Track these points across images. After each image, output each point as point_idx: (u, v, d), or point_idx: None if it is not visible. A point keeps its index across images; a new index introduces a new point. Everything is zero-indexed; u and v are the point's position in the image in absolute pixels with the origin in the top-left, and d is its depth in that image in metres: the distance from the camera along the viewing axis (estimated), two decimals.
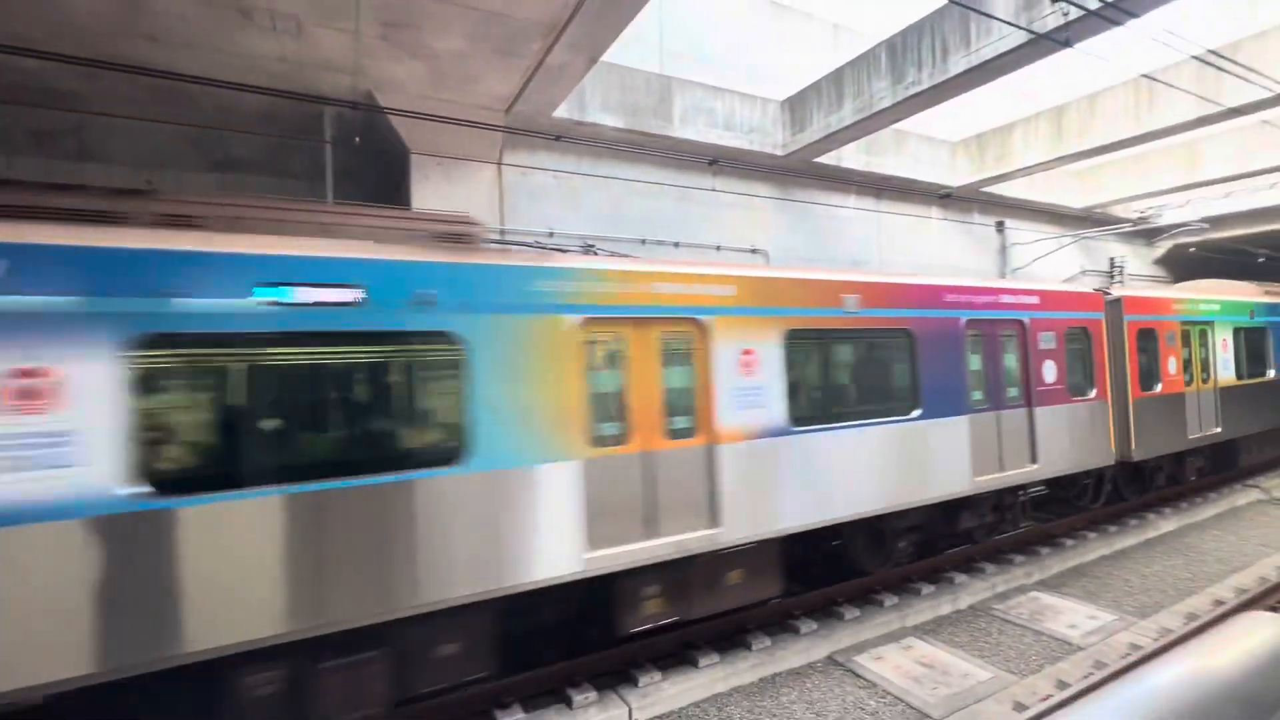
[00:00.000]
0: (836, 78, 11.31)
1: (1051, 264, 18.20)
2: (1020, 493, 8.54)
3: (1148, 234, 20.58)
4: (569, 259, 5.38)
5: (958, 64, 9.13)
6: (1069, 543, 8.96)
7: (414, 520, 4.38)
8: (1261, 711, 1.09)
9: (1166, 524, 9.95)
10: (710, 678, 5.60)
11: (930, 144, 14.96)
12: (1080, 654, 5.93)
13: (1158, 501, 10.84)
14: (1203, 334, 11.18)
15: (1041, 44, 8.01)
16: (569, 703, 5.15)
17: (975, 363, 7.78)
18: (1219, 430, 11.18)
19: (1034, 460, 8.17)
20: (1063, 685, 5.29)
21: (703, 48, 13.73)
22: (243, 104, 8.37)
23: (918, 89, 9.78)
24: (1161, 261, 21.87)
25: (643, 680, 5.45)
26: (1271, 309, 12.96)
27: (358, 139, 9.05)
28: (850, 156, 13.55)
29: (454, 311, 4.62)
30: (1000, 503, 8.38)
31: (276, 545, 3.96)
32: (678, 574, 5.64)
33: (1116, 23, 6.78)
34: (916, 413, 7.02)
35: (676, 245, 12.16)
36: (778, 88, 14.45)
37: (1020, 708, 5.00)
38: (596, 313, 5.21)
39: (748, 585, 6.04)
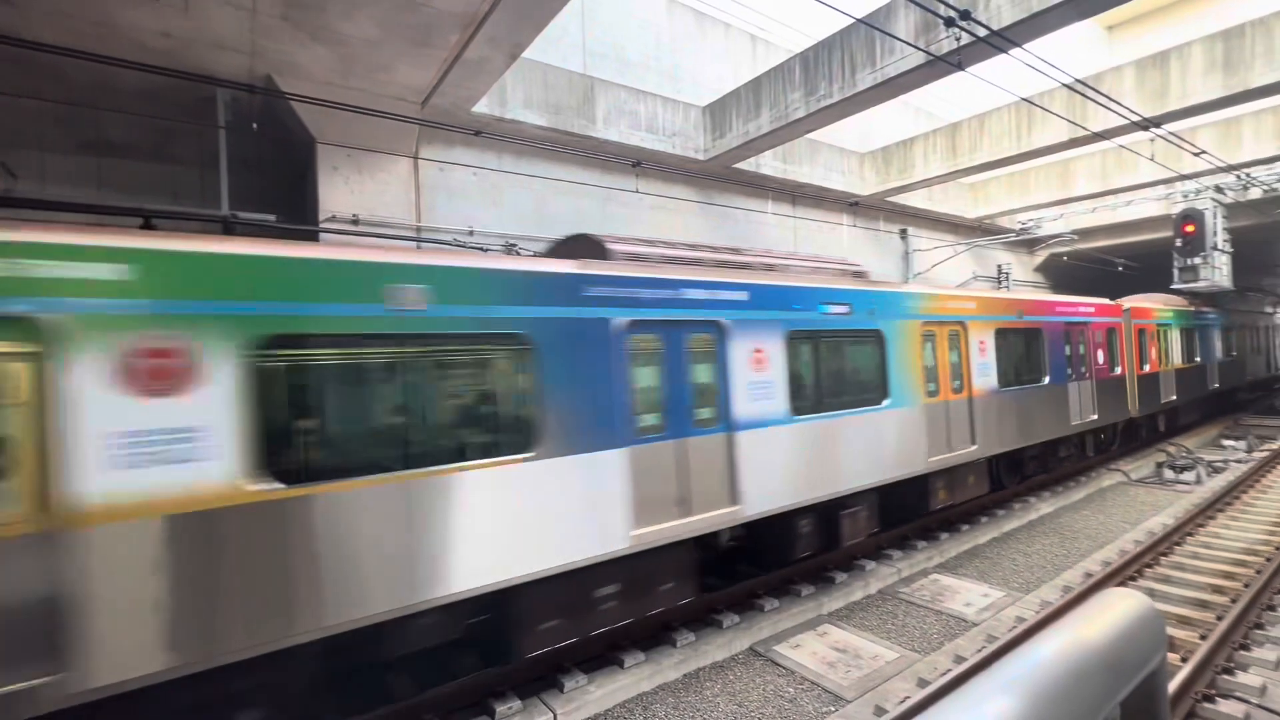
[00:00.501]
0: (755, 87, 11.69)
1: (948, 269, 19.69)
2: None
3: (1029, 243, 22.70)
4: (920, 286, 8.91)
5: (865, 80, 9.68)
6: (964, 527, 9.71)
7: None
8: (1123, 676, 1.21)
9: (1045, 506, 10.99)
10: (636, 677, 5.62)
11: (841, 154, 15.79)
12: (975, 629, 6.43)
13: (1038, 486, 11.95)
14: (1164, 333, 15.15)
15: (938, 65, 8.63)
16: (491, 714, 5.02)
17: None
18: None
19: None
20: (960, 659, 5.72)
21: (625, 51, 13.81)
22: (120, 81, 7.58)
23: (829, 102, 10.28)
24: (1040, 269, 24.16)
25: (568, 685, 5.39)
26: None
27: (255, 125, 8.41)
28: (768, 164, 14.06)
29: (881, 318, 8.05)
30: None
31: (789, 448, 6.84)
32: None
33: (1001, 50, 7.42)
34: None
35: None
36: (699, 93, 14.78)
37: (923, 683, 5.35)
38: (932, 319, 8.86)
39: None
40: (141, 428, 3.52)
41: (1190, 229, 12.03)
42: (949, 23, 6.21)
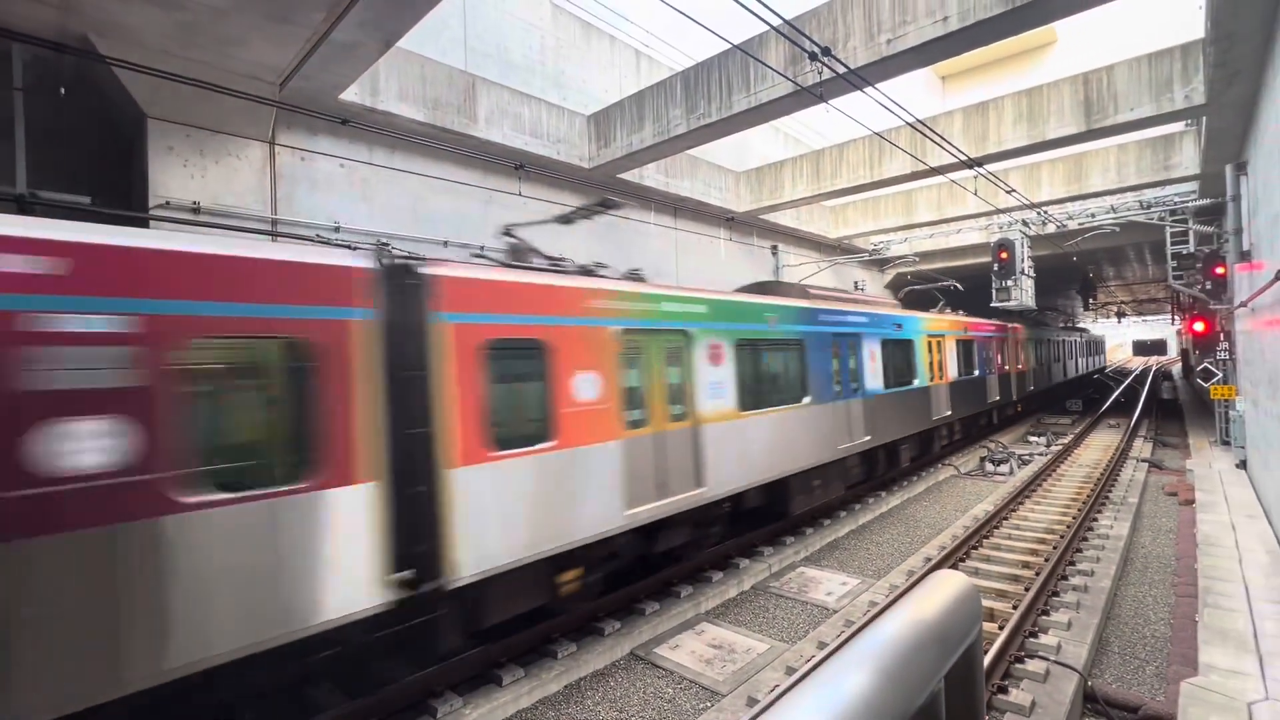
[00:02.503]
0: (638, 100, 11.97)
1: (813, 284, 21.34)
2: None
3: (880, 263, 25.24)
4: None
5: (740, 103, 10.26)
6: (826, 522, 10.53)
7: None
8: (950, 647, 1.35)
9: (893, 499, 12.22)
10: (515, 694, 5.45)
11: (719, 172, 16.60)
12: (835, 616, 6.97)
13: (889, 481, 13.27)
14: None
15: (803, 96, 9.37)
16: None
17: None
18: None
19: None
20: (822, 646, 6.17)
21: (509, 52, 13.57)
22: None
23: (708, 121, 10.78)
24: (889, 286, 26.95)
25: (441, 710, 5.11)
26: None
27: (64, 91, 7.20)
28: (650, 176, 14.43)
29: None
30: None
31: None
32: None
33: (857, 87, 8.22)
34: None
35: (482, 249, 11.74)
36: (584, 102, 14.87)
37: (791, 671, 5.70)
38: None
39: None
40: (712, 381, 7.70)
41: (1004, 255, 14.05)
42: (813, 57, 6.76)
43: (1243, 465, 12.18)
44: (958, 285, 18.82)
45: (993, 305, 14.85)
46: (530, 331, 5.61)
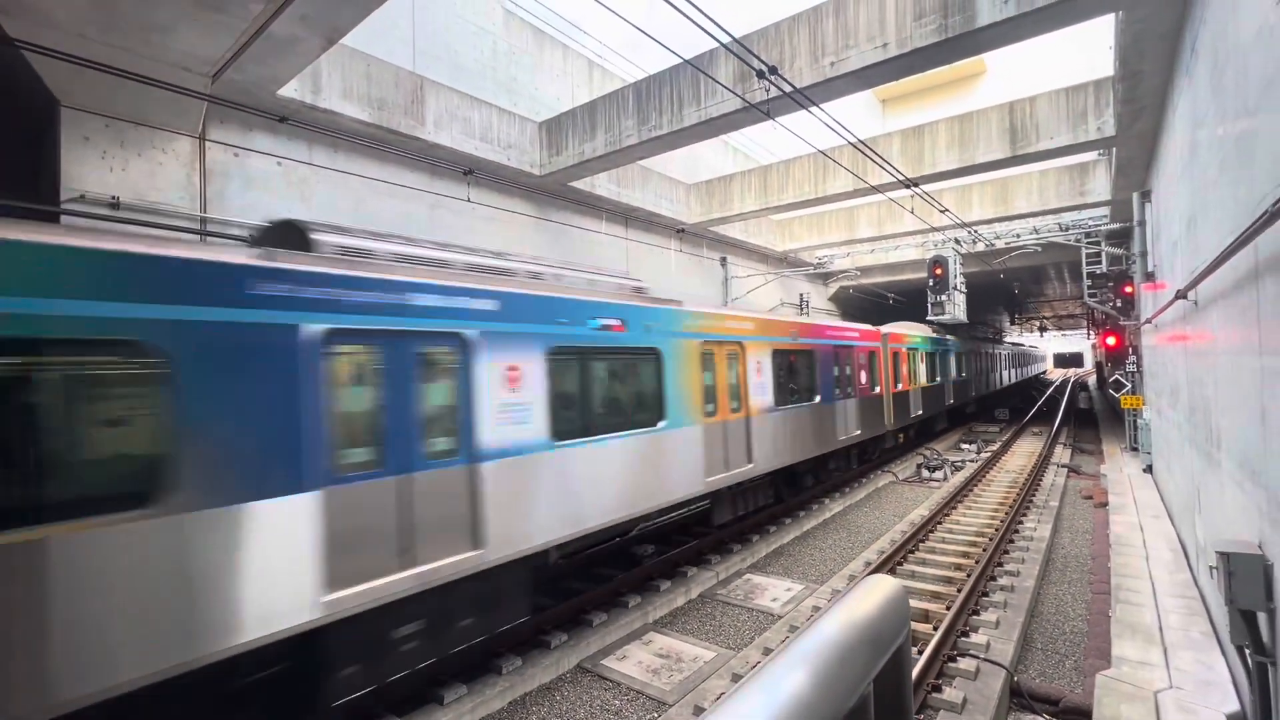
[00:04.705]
0: (590, 110, 12.00)
1: (760, 296, 21.84)
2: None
3: (824, 276, 26.07)
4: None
5: (690, 116, 10.44)
6: (772, 529, 10.72)
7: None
8: (882, 646, 1.39)
9: (836, 506, 12.57)
10: (457, 713, 5.28)
11: (671, 183, 16.81)
12: (780, 621, 7.09)
13: (831, 489, 13.65)
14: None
15: (752, 112, 9.62)
16: None
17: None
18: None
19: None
20: (767, 651, 6.25)
21: (459, 56, 13.38)
22: None
23: (658, 133, 10.91)
24: (833, 299, 27.87)
25: None
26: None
27: None
28: (602, 185, 14.47)
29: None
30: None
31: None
32: None
33: (803, 106, 8.50)
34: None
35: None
36: (536, 109, 14.79)
37: (736, 678, 5.76)
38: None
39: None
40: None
41: (939, 271, 14.78)
42: (760, 75, 6.95)
43: (1149, 470, 13.15)
44: (898, 298, 19.61)
45: (927, 319, 15.55)
46: None
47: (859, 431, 13.76)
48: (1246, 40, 4.06)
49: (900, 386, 16.63)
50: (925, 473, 15.70)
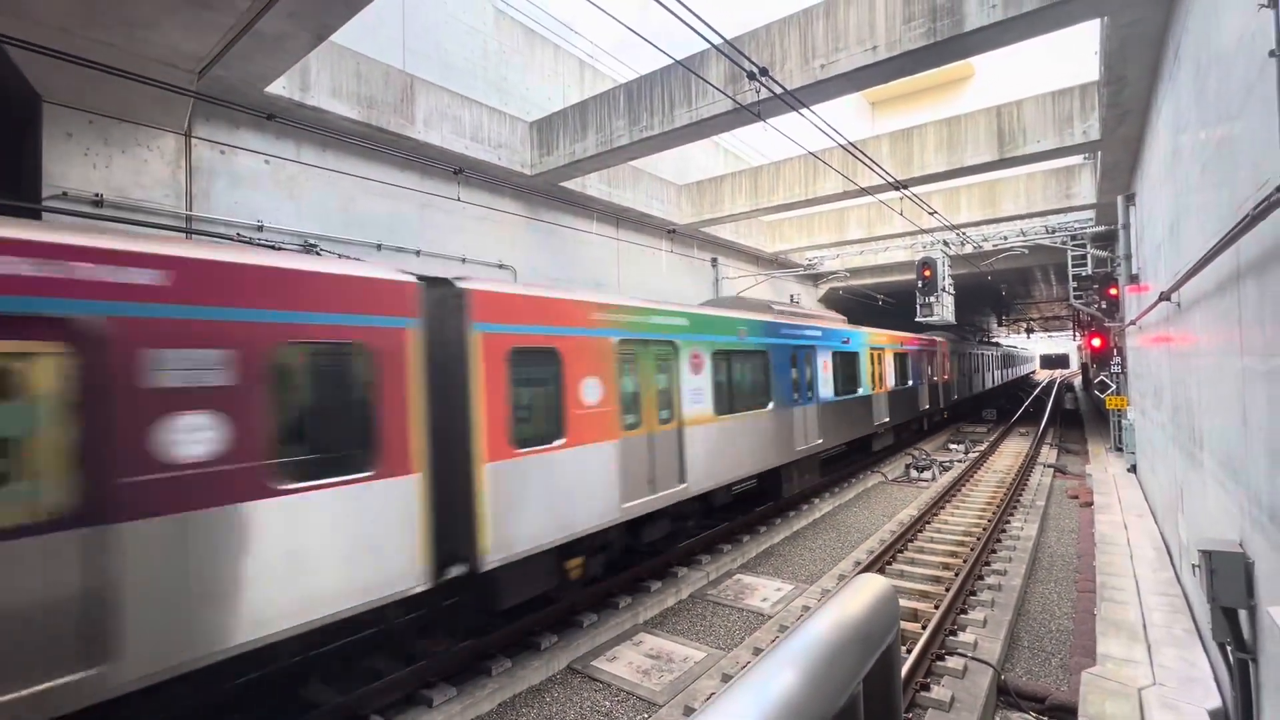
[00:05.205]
0: (581, 110, 11.99)
1: (751, 297, 21.89)
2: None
3: (814, 277, 26.20)
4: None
5: (681, 117, 10.45)
6: (763, 529, 10.75)
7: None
8: (871, 646, 1.39)
9: (826, 506, 12.63)
10: (446, 714, 5.25)
11: (661, 184, 16.82)
12: (770, 621, 7.11)
13: (821, 488, 13.71)
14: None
15: (742, 114, 9.65)
16: None
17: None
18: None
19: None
20: (757, 651, 6.27)
21: (450, 55, 13.32)
22: None
23: (650, 133, 10.92)
24: (823, 299, 28.00)
25: None
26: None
27: None
28: (593, 185, 14.46)
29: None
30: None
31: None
32: None
33: (793, 108, 8.54)
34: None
35: (418, 254, 11.43)
36: (526, 109, 14.76)
37: (727, 678, 5.76)
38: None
39: None
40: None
41: (927, 273, 14.88)
42: (751, 76, 6.97)
43: (1134, 470, 13.33)
44: (888, 300, 19.74)
45: (916, 320, 15.67)
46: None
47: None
48: (1228, 47, 4.12)
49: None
50: (914, 473, 15.81)
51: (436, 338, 5.47)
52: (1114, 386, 16.17)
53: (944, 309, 15.01)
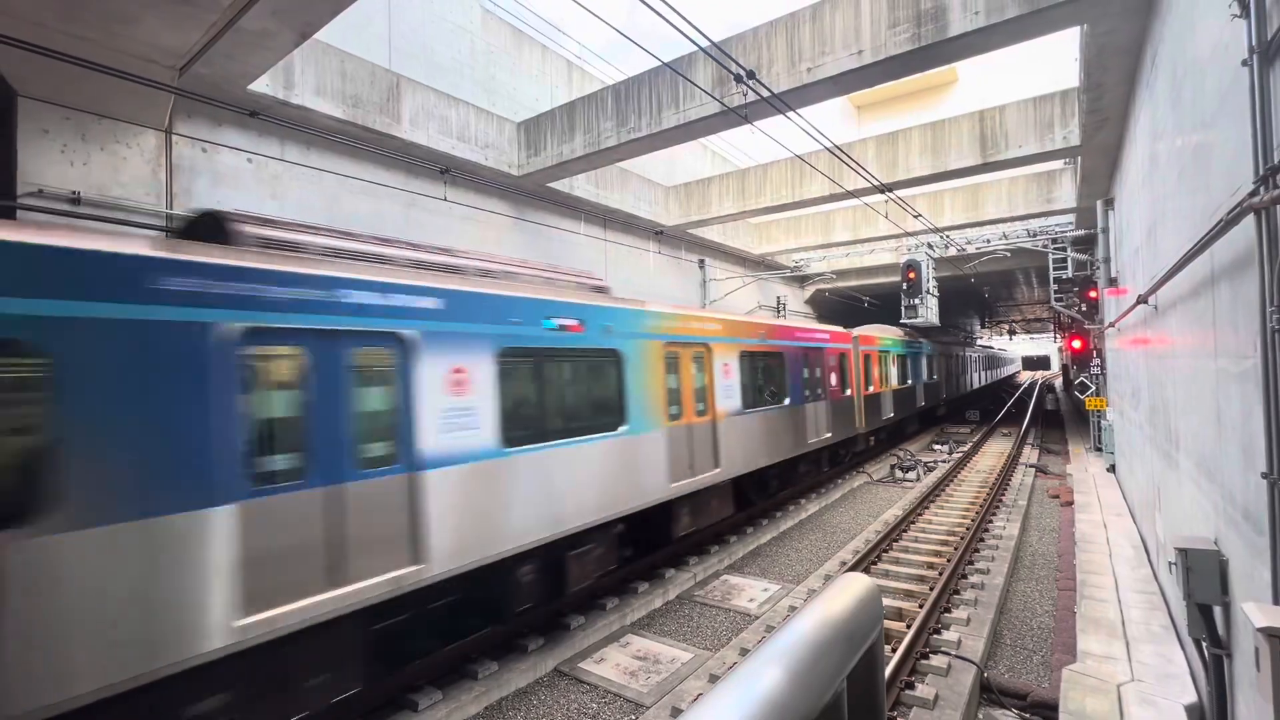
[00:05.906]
0: (569, 110, 11.97)
1: (738, 298, 21.99)
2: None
3: (800, 279, 26.37)
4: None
5: (669, 119, 10.48)
6: (750, 530, 10.79)
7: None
8: (855, 644, 1.41)
9: (812, 506, 12.71)
10: (432, 719, 5.21)
11: (649, 186, 16.84)
12: (757, 622, 7.14)
13: (807, 490, 13.79)
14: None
15: (730, 116, 9.69)
16: None
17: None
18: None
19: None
20: (744, 651, 6.29)
21: (436, 54, 13.24)
22: None
23: (637, 135, 10.93)
24: (809, 301, 28.19)
25: None
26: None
27: None
28: (581, 186, 14.44)
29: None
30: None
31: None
32: None
33: (780, 111, 8.60)
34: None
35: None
36: (514, 109, 14.71)
37: (714, 678, 5.77)
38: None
39: None
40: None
41: (912, 275, 15.04)
42: (738, 79, 7.01)
43: (1113, 469, 13.56)
44: (873, 301, 19.91)
45: (901, 322, 15.82)
46: None
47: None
48: (1203, 56, 4.22)
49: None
50: (899, 473, 15.96)
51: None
52: (1094, 388, 16.44)
53: (928, 310, 15.18)
